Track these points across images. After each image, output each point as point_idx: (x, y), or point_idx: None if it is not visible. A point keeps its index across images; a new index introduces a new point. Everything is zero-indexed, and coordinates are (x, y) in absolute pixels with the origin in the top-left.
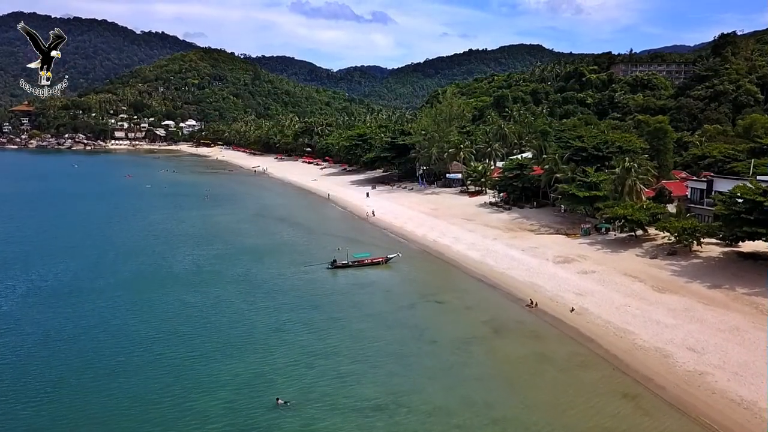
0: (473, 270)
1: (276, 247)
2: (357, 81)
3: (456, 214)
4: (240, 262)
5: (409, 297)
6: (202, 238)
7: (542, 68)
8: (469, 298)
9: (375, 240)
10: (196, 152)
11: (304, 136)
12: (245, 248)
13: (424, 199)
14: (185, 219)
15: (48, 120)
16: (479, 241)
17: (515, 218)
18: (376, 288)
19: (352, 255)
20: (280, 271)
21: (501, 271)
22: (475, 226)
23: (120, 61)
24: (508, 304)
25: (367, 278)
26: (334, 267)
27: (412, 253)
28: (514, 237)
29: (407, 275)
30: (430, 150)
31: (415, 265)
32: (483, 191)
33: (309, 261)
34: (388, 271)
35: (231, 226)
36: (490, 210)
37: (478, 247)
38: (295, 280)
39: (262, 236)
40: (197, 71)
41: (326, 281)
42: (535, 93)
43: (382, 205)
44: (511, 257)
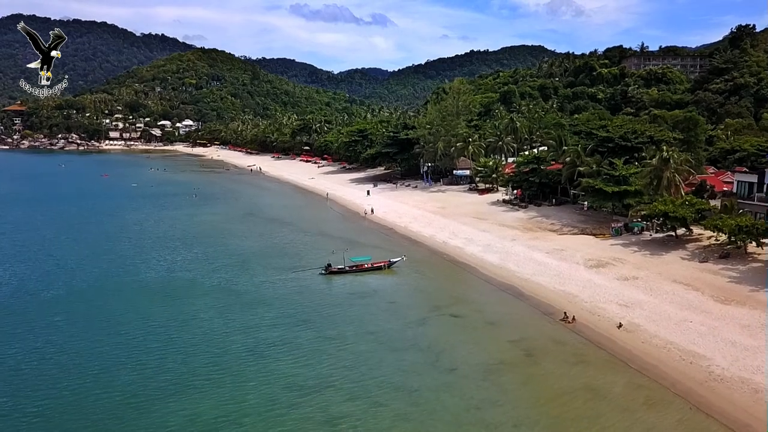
0: (492, 276)
1: (264, 249)
2: (357, 83)
3: (466, 213)
4: (221, 267)
5: (418, 310)
6: (182, 240)
7: (550, 63)
8: (490, 311)
9: (376, 242)
10: (191, 152)
11: (302, 133)
12: (229, 251)
13: (430, 198)
14: (167, 219)
15: (41, 120)
16: (496, 242)
17: (533, 217)
18: (378, 299)
19: (349, 259)
20: (265, 278)
21: (525, 278)
22: (489, 226)
23: (119, 63)
24: (539, 318)
25: (368, 286)
26: (328, 272)
27: (419, 256)
28: (535, 238)
29: (415, 283)
30: (435, 144)
31: (423, 270)
32: (494, 188)
33: (299, 265)
34: (392, 278)
35: (216, 227)
36: (504, 208)
37: (496, 249)
38: (281, 288)
39: (250, 238)
40: (195, 71)
41: (318, 290)
42: (544, 88)
43: (384, 204)
44: (536, 261)
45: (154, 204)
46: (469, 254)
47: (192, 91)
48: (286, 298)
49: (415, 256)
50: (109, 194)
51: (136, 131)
